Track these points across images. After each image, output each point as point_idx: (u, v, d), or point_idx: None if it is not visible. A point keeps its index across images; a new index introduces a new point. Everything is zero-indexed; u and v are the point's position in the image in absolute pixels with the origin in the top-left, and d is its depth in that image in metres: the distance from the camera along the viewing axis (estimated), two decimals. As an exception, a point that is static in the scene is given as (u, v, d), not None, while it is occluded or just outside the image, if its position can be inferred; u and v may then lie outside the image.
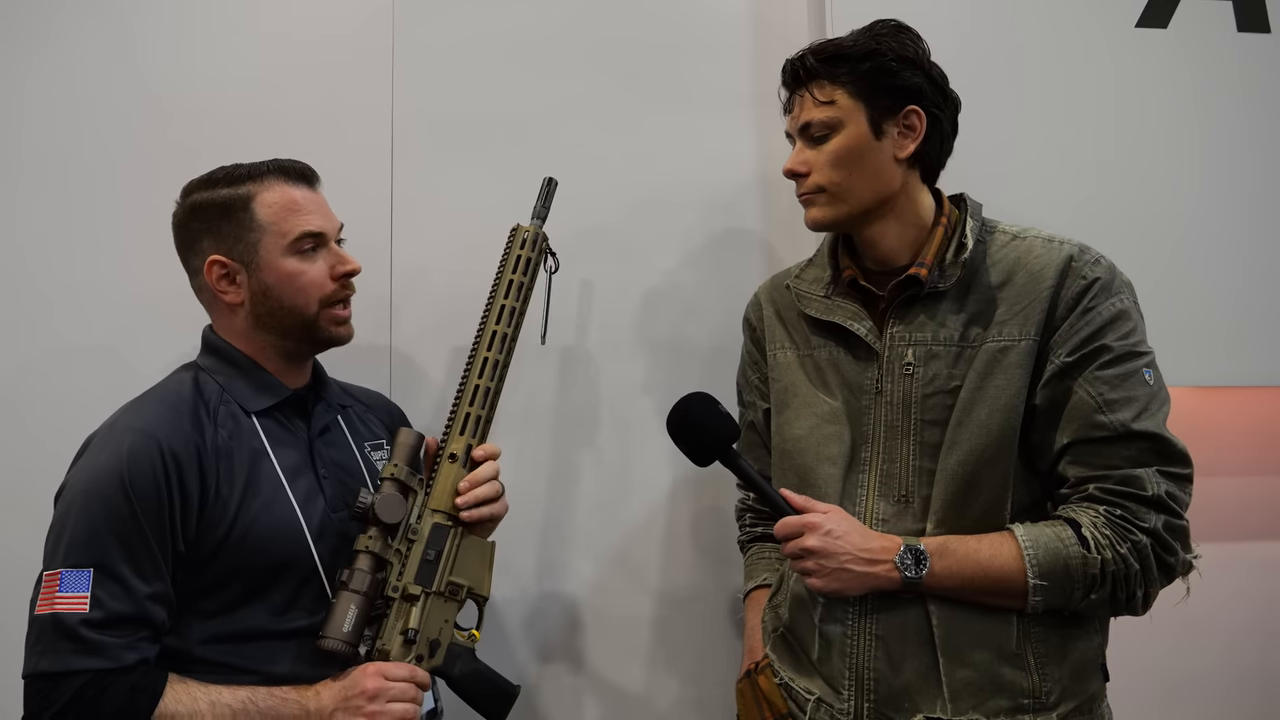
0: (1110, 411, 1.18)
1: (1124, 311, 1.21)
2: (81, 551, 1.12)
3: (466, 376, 1.35)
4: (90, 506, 1.14)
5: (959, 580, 1.19)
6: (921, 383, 1.25)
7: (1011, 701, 1.19)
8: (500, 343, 1.36)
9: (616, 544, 1.74)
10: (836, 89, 1.26)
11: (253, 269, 1.27)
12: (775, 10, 1.83)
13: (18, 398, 1.61)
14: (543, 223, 1.46)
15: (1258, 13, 1.83)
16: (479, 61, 1.76)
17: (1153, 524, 1.16)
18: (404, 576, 1.25)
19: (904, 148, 1.27)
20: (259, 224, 1.26)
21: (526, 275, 1.40)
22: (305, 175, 1.32)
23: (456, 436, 1.32)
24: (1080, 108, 1.77)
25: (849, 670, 1.25)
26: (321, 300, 1.29)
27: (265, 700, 1.14)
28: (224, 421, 1.24)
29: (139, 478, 1.14)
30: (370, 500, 1.23)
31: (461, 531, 1.30)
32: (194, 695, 1.13)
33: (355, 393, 1.49)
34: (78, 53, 1.66)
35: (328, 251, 1.31)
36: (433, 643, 1.25)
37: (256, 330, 1.29)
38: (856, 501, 1.28)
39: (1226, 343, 1.74)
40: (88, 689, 1.09)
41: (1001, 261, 1.27)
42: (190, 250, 1.30)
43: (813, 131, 1.28)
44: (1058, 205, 1.70)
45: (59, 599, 1.10)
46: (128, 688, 1.10)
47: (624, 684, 1.73)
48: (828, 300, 1.35)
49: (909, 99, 1.26)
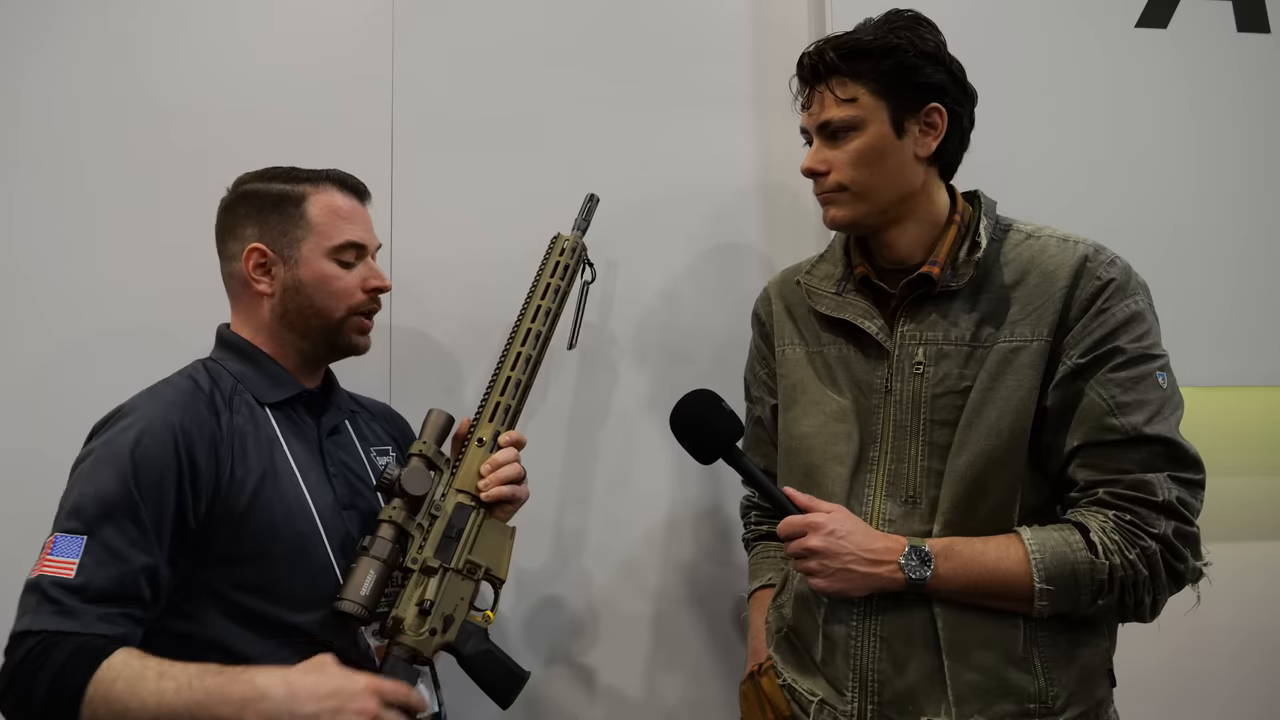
0: (1122, 414, 1.16)
1: (1138, 313, 1.20)
2: (78, 519, 1.11)
3: (499, 368, 1.39)
4: (98, 478, 1.13)
5: (964, 582, 1.18)
6: (931, 382, 1.24)
7: (1017, 706, 1.18)
8: (534, 340, 1.40)
9: (620, 543, 1.74)
10: (858, 86, 1.24)
11: (290, 263, 1.30)
12: (775, 10, 1.83)
13: (18, 398, 1.60)
14: (583, 234, 1.52)
15: (1257, 13, 1.84)
16: (478, 61, 1.75)
17: (1162, 530, 1.14)
18: (424, 550, 1.26)
19: (926, 146, 1.25)
20: (307, 222, 1.30)
21: (563, 280, 1.46)
22: (359, 190, 1.37)
23: (486, 423, 1.35)
24: (1080, 108, 1.77)
25: (852, 672, 1.24)
26: (350, 308, 1.32)
27: (214, 678, 1.05)
28: (239, 408, 1.25)
29: (148, 458, 1.14)
30: (397, 472, 1.25)
31: (483, 513, 1.32)
32: (144, 665, 1.06)
33: (362, 401, 1.51)
34: (77, 53, 1.65)
35: (364, 265, 1.34)
36: (447, 618, 1.25)
37: (279, 325, 1.31)
38: (863, 501, 1.26)
39: (1226, 343, 1.75)
40: (37, 647, 1.05)
41: (1015, 261, 1.25)
42: (232, 235, 1.32)
43: (833, 129, 1.26)
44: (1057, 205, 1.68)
45: (48, 561, 1.10)
46: (71, 649, 1.05)
47: (628, 684, 1.72)
48: (839, 297, 1.33)
49: (931, 96, 1.24)
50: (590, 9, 1.78)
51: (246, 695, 1.04)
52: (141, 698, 1.04)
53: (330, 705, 1.05)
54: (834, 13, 1.71)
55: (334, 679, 1.08)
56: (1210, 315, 1.75)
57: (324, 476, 1.29)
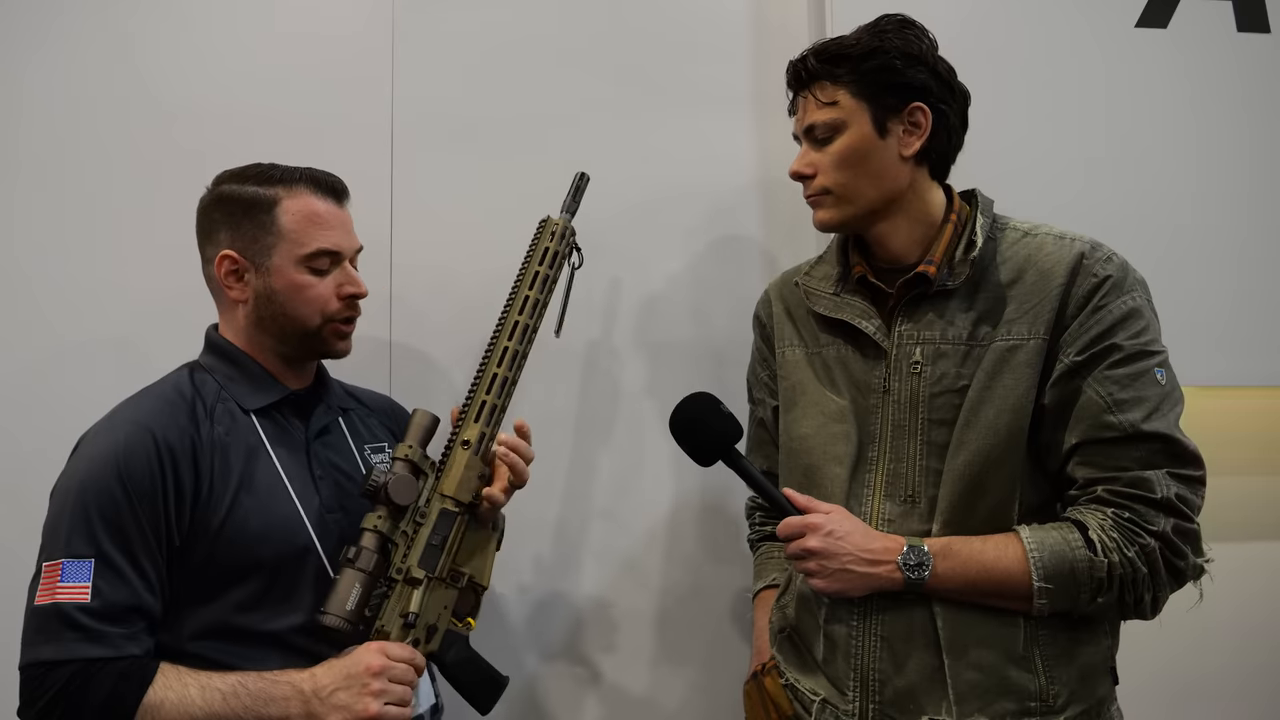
0: (1120, 412, 1.16)
1: (1135, 310, 1.19)
2: (82, 542, 1.13)
3: (485, 364, 1.34)
4: (87, 497, 1.14)
5: (963, 582, 1.18)
6: (929, 382, 1.24)
7: (1018, 704, 1.18)
8: (521, 333, 1.35)
9: (621, 543, 1.74)
10: (839, 89, 1.25)
11: (262, 271, 1.27)
12: (775, 10, 1.83)
13: (18, 397, 1.60)
14: (572, 216, 1.45)
15: (1257, 13, 1.84)
16: (478, 61, 1.75)
17: (1161, 527, 1.14)
18: (408, 559, 1.25)
19: (909, 145, 1.26)
20: (279, 230, 1.27)
21: (552, 268, 1.39)
22: (335, 190, 1.32)
23: (471, 424, 1.31)
24: (1079, 108, 1.77)
25: (853, 671, 1.24)
26: (325, 316, 1.29)
27: (255, 683, 1.13)
28: (221, 418, 1.24)
29: (134, 469, 1.15)
30: (383, 480, 1.23)
31: (468, 519, 1.30)
32: (184, 681, 1.12)
33: (360, 395, 1.49)
34: (77, 52, 1.65)
35: (340, 270, 1.31)
36: (430, 628, 1.25)
37: (256, 330, 1.30)
38: (862, 501, 1.26)
39: (1226, 343, 1.75)
40: (76, 678, 1.09)
41: (1012, 259, 1.25)
42: (207, 239, 1.31)
43: (817, 133, 1.27)
44: (1056, 205, 1.67)
45: (60, 589, 1.11)
46: (115, 675, 1.10)
47: (629, 683, 1.72)
48: (837, 298, 1.33)
49: (913, 96, 1.25)
50: (591, 10, 1.79)
51: (287, 695, 1.13)
52: (191, 713, 1.11)
53: (343, 673, 1.15)
54: (834, 13, 1.71)
55: (348, 657, 1.17)
56: (1210, 315, 1.74)
57: (310, 481, 1.27)
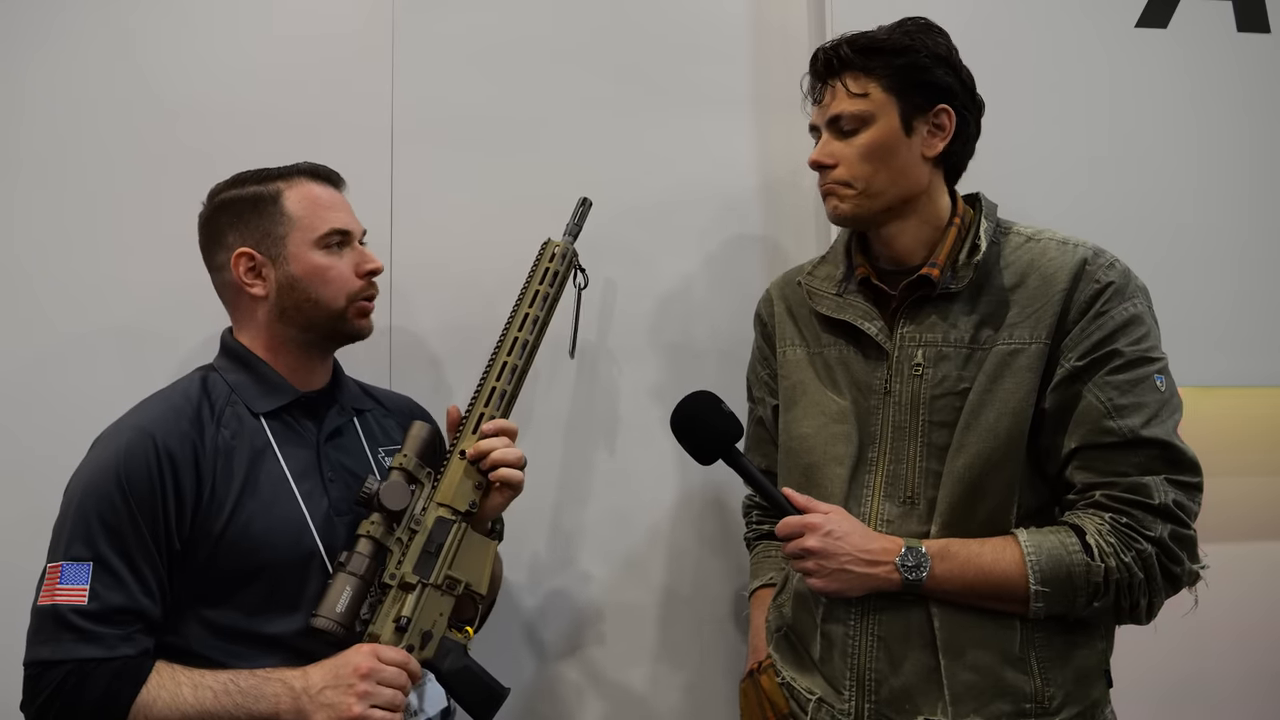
0: (1119, 417, 1.17)
1: (1137, 316, 1.20)
2: (81, 545, 1.15)
3: (485, 378, 1.36)
4: (88, 502, 1.16)
5: (960, 583, 1.19)
6: (930, 384, 1.24)
7: (1013, 706, 1.19)
8: (520, 349, 1.37)
9: (621, 542, 1.74)
10: (871, 82, 1.25)
11: (280, 262, 1.28)
12: (775, 12, 1.82)
13: (17, 397, 1.59)
14: (574, 239, 1.48)
15: (1257, 13, 1.84)
16: (478, 61, 1.75)
17: (1158, 533, 1.15)
18: (403, 565, 1.25)
19: (933, 146, 1.26)
20: (288, 217, 1.28)
21: (552, 287, 1.42)
22: (331, 178, 1.35)
23: (469, 436, 1.32)
24: (1079, 108, 1.76)
25: (850, 670, 1.25)
26: (350, 295, 1.31)
27: (248, 680, 1.15)
28: (228, 422, 1.25)
29: (133, 474, 1.16)
30: (375, 487, 1.24)
31: (465, 528, 1.30)
32: (177, 680, 1.14)
33: (378, 395, 1.49)
34: (78, 51, 1.65)
35: (353, 250, 1.33)
36: (425, 634, 1.25)
37: (279, 324, 1.30)
38: (862, 502, 1.27)
39: (1226, 343, 1.75)
40: (71, 676, 1.11)
41: (1015, 263, 1.25)
42: (217, 245, 1.31)
43: (843, 124, 1.26)
44: (1057, 205, 1.70)
45: (59, 590, 1.13)
46: (110, 674, 1.12)
47: (625, 680, 1.73)
48: (839, 298, 1.33)
49: (941, 97, 1.25)
50: (591, 11, 1.78)
51: (278, 692, 1.15)
52: (184, 710, 1.13)
53: (332, 672, 1.16)
54: (834, 14, 1.71)
55: (339, 656, 1.18)
56: (1210, 315, 1.74)
57: (320, 483, 1.27)
